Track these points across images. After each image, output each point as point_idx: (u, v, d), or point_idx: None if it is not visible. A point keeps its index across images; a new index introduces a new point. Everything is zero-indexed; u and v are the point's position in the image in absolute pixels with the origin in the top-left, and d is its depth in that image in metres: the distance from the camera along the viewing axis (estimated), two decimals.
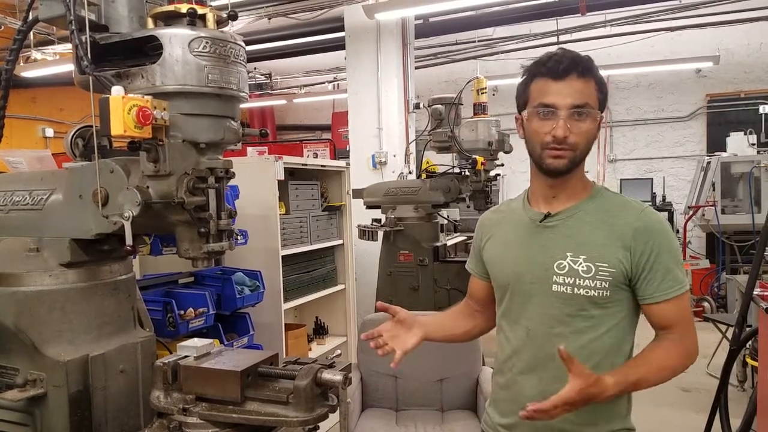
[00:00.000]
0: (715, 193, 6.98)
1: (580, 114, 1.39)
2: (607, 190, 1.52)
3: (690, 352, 1.44)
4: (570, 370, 1.26)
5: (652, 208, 1.47)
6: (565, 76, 1.38)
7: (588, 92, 1.40)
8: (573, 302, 1.42)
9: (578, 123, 1.39)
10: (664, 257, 1.40)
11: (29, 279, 1.57)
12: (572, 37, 7.49)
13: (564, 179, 1.46)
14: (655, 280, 1.40)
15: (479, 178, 3.86)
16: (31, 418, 1.55)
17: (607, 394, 1.31)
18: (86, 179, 1.49)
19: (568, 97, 1.38)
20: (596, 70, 1.42)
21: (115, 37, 1.45)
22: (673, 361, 1.41)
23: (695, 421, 3.70)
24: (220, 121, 1.48)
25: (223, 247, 1.51)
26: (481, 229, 1.67)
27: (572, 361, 1.26)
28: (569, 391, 1.26)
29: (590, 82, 1.40)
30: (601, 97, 1.43)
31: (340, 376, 1.38)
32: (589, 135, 1.41)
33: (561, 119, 1.38)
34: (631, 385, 1.36)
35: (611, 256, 1.40)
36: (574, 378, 1.27)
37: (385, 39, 5.50)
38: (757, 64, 8.49)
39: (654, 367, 1.39)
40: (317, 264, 4.12)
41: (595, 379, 1.28)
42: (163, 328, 2.66)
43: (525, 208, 1.56)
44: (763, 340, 3.02)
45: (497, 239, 1.60)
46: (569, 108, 1.38)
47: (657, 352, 1.42)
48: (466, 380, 3.15)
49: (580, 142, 1.40)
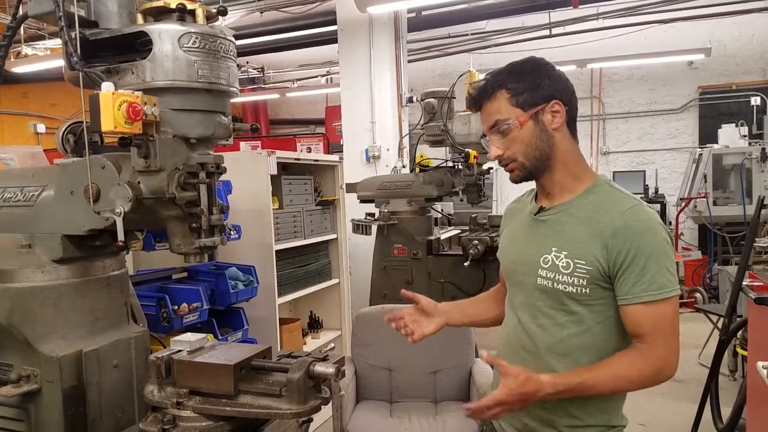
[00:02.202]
0: (707, 185, 7.02)
1: (497, 131, 1.46)
2: (607, 185, 1.48)
3: (658, 366, 1.35)
4: (500, 372, 1.30)
5: (643, 206, 1.41)
6: (479, 109, 1.51)
7: (496, 108, 1.46)
8: (554, 296, 1.44)
9: (503, 138, 1.46)
10: (641, 258, 1.34)
11: (22, 275, 1.57)
12: (564, 29, 7.51)
13: (544, 179, 1.50)
14: (629, 282, 1.35)
15: (472, 171, 3.86)
16: (26, 413, 1.55)
17: (543, 393, 1.30)
18: (78, 175, 1.49)
19: (484, 123, 1.50)
20: (505, 80, 1.45)
21: (105, 33, 1.45)
22: (632, 372, 1.35)
23: (686, 411, 3.74)
24: (210, 116, 1.49)
25: (215, 242, 1.52)
26: (504, 218, 1.73)
27: (500, 363, 1.30)
28: (500, 391, 1.29)
29: (498, 97, 1.45)
30: (520, 99, 1.43)
31: (332, 369, 1.39)
32: (521, 140, 1.44)
33: (490, 144, 1.49)
34: (573, 386, 1.32)
35: (589, 254, 1.38)
36: (504, 378, 1.29)
37: (377, 32, 5.48)
38: (748, 56, 8.52)
39: (609, 374, 1.34)
40: (311, 258, 4.13)
41: (525, 377, 1.29)
42: (157, 323, 2.66)
43: (531, 200, 1.60)
44: (752, 330, 3.05)
45: (508, 229, 1.66)
46: (488, 132, 1.49)
47: (618, 359, 1.37)
48: (460, 372, 3.17)
49: (516, 151, 1.46)
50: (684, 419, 3.67)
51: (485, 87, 1.48)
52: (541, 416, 1.46)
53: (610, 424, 1.47)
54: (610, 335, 1.42)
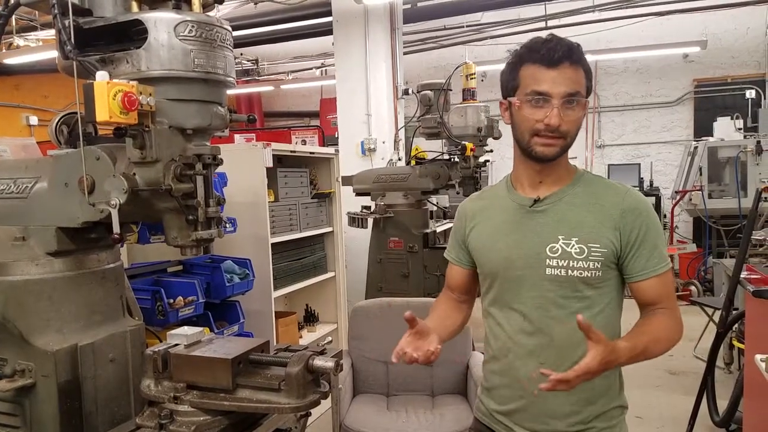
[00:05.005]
0: (702, 178, 7.02)
1: (572, 102, 1.39)
2: (588, 174, 1.55)
3: (680, 323, 1.48)
4: (590, 338, 1.26)
5: (633, 189, 1.53)
6: (559, 64, 1.38)
7: (579, 80, 1.41)
8: (567, 284, 1.44)
9: (570, 111, 1.40)
10: (651, 235, 1.44)
11: (16, 268, 1.55)
12: (561, 22, 7.48)
13: (552, 165, 1.48)
14: (643, 258, 1.44)
15: (468, 164, 3.84)
16: (21, 408, 1.54)
17: (621, 361, 1.33)
18: (72, 167, 1.47)
19: (561, 85, 1.38)
20: (585, 59, 1.44)
21: (99, 21, 1.42)
22: (669, 332, 1.44)
23: (683, 403, 3.75)
24: (206, 106, 1.46)
25: (211, 235, 1.50)
26: (464, 218, 1.65)
27: (591, 329, 1.25)
28: (592, 360, 1.25)
29: (580, 71, 1.42)
30: (589, 85, 1.45)
31: (331, 363, 1.38)
32: (578, 123, 1.44)
33: (555, 108, 1.38)
34: (640, 353, 1.37)
35: (602, 237, 1.43)
36: (594, 346, 1.26)
37: (373, 24, 5.45)
38: (744, 49, 8.53)
39: (655, 337, 1.41)
40: (307, 251, 4.12)
41: (612, 346, 1.29)
42: (153, 316, 2.64)
43: (510, 193, 1.56)
44: (749, 322, 3.06)
45: (484, 227, 1.59)
46: (563, 96, 1.38)
47: (655, 324, 1.44)
48: (457, 365, 3.17)
49: (571, 130, 1.42)
50: (680, 411, 3.68)
51: (574, 51, 1.40)
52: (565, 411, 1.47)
53: (620, 404, 1.54)
54: (615, 312, 1.51)
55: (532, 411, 1.49)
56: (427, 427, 2.80)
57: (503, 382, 1.55)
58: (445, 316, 1.70)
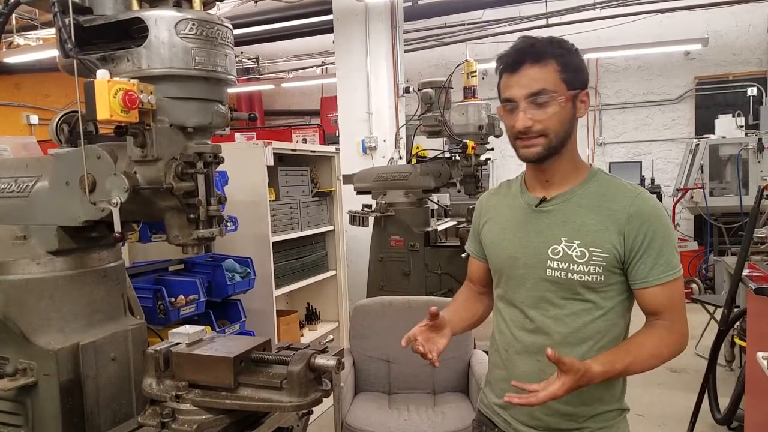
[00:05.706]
0: (704, 176, 7.01)
1: (536, 100, 1.38)
2: (602, 173, 1.51)
3: (680, 339, 1.44)
4: (560, 369, 1.27)
5: (646, 191, 1.46)
6: (519, 68, 1.39)
7: (545, 77, 1.38)
8: (567, 286, 1.43)
9: (540, 110, 1.38)
10: (657, 242, 1.39)
11: (17, 267, 1.54)
12: (562, 19, 7.47)
13: (551, 164, 1.46)
14: (647, 265, 1.39)
15: (470, 162, 3.84)
16: (22, 407, 1.53)
17: (594, 382, 1.32)
18: (73, 165, 1.46)
19: (523, 88, 1.38)
20: (557, 51, 1.39)
21: (100, 20, 1.41)
22: (663, 349, 1.41)
23: (684, 401, 3.75)
24: (207, 104, 1.46)
25: (213, 233, 1.50)
26: (480, 211, 1.67)
27: (561, 360, 1.26)
28: (561, 387, 1.27)
29: (548, 66, 1.38)
30: (568, 76, 1.39)
31: (333, 361, 1.37)
32: (558, 118, 1.39)
33: (520, 111, 1.39)
34: (617, 372, 1.36)
35: (605, 242, 1.40)
36: (564, 375, 1.27)
37: (373, 22, 5.44)
38: (745, 47, 8.51)
39: (644, 354, 1.39)
40: (308, 250, 4.11)
41: (583, 371, 1.28)
42: (154, 315, 2.65)
43: (522, 191, 1.56)
44: (751, 320, 3.06)
45: (495, 223, 1.60)
46: (525, 98, 1.38)
47: (649, 339, 1.41)
48: (458, 363, 3.16)
49: (549, 127, 1.39)
50: (682, 409, 3.68)
51: (536, 49, 1.39)
52: (558, 409, 1.46)
53: (620, 408, 1.53)
54: (620, 316, 1.48)
55: (528, 406, 1.48)
56: (429, 425, 2.80)
57: (503, 375, 1.56)
58: (464, 308, 1.73)
